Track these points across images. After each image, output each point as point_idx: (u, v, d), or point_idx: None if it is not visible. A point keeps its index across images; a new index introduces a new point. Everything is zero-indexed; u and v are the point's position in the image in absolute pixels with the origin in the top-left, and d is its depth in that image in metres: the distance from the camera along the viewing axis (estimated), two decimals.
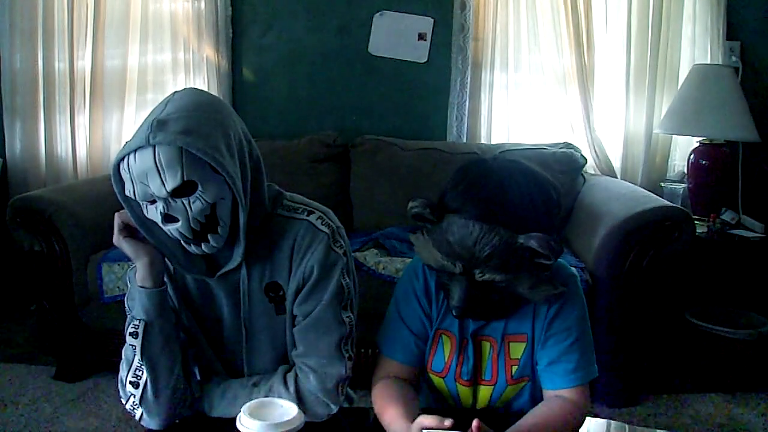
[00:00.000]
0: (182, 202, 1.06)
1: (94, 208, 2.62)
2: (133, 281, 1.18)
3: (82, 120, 3.28)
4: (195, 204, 1.07)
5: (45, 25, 3.20)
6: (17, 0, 3.19)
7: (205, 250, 1.13)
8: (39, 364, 2.73)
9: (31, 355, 2.83)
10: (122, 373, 1.18)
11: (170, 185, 1.04)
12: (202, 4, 3.21)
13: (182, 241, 1.12)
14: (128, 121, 3.24)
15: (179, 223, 1.08)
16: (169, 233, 1.11)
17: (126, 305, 1.21)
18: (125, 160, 1.06)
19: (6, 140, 3.31)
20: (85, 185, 3.00)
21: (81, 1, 3.19)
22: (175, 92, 1.14)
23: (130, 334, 1.15)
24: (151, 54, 3.28)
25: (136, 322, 1.15)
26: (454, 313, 1.20)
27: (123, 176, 1.08)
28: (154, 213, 1.09)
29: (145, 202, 1.09)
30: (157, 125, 1.03)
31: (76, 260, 2.55)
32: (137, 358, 1.15)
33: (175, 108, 1.07)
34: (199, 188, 1.06)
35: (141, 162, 1.03)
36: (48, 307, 2.60)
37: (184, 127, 1.03)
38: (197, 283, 1.23)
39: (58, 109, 3.27)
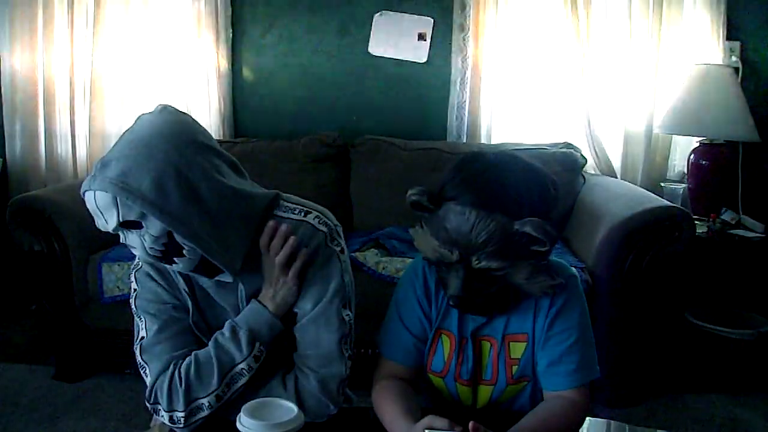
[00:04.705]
0: (136, 234, 1.12)
1: None
2: (262, 310, 1.19)
3: (82, 120, 3.28)
4: (145, 237, 1.11)
5: (45, 25, 3.20)
6: (17, 0, 3.19)
7: (178, 269, 1.17)
8: (39, 364, 2.73)
9: (31, 355, 2.83)
10: (199, 392, 1.15)
11: (111, 225, 1.10)
12: (202, 4, 3.21)
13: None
14: (128, 122, 3.20)
15: (137, 251, 1.14)
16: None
17: (140, 312, 1.22)
18: (84, 196, 1.12)
19: (6, 140, 3.31)
20: None
21: (81, 1, 3.18)
22: (141, 116, 1.16)
23: (255, 357, 1.17)
24: (151, 54, 3.28)
25: (263, 348, 1.18)
26: (451, 303, 1.21)
27: None
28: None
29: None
30: (100, 168, 1.09)
31: (76, 260, 2.55)
32: (245, 378, 1.17)
33: (122, 144, 1.11)
34: (143, 225, 1.10)
35: (87, 202, 1.11)
36: (48, 307, 2.60)
37: (121, 170, 1.07)
38: (200, 289, 1.24)
39: (58, 109, 3.27)
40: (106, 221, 1.10)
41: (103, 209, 1.09)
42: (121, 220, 1.09)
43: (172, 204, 1.08)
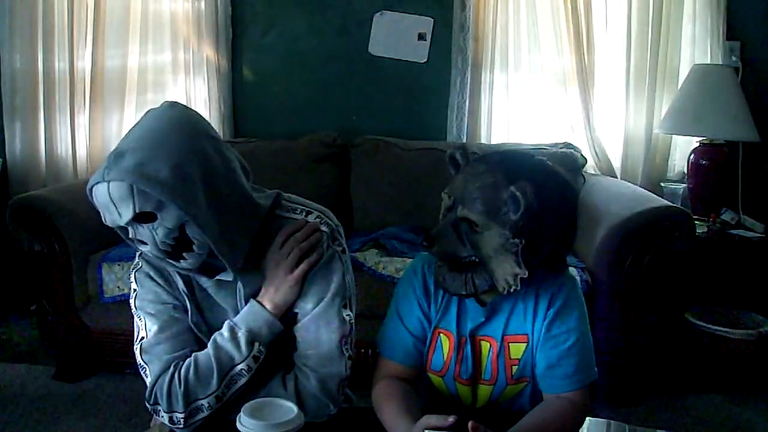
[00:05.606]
0: (148, 228, 1.10)
1: (94, 208, 2.60)
2: (261, 310, 1.18)
3: (82, 120, 3.27)
4: (158, 230, 1.10)
5: (45, 25, 3.19)
6: (17, 0, 3.19)
7: (186, 267, 1.15)
8: (39, 364, 2.73)
9: (31, 355, 2.83)
10: (199, 393, 1.15)
11: (125, 218, 1.08)
12: (202, 4, 3.21)
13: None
14: (128, 121, 3.24)
15: (148, 247, 1.12)
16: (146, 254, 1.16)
17: (140, 313, 1.22)
18: (92, 191, 1.11)
19: (6, 140, 3.30)
20: (85, 185, 2.99)
21: (81, 1, 3.18)
22: (150, 111, 1.15)
23: (254, 358, 1.16)
24: (151, 54, 3.28)
25: (262, 348, 1.17)
26: (424, 242, 1.22)
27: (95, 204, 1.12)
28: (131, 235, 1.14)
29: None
30: (114, 159, 1.07)
31: (76, 260, 2.54)
32: (245, 379, 1.16)
33: (136, 136, 1.10)
34: (158, 217, 1.08)
35: (99, 195, 1.09)
36: (48, 307, 2.60)
37: (138, 160, 1.05)
38: (200, 289, 1.24)
39: (58, 109, 3.27)
40: (120, 214, 1.08)
41: (117, 201, 1.07)
42: (137, 210, 1.07)
43: (192, 192, 1.07)
